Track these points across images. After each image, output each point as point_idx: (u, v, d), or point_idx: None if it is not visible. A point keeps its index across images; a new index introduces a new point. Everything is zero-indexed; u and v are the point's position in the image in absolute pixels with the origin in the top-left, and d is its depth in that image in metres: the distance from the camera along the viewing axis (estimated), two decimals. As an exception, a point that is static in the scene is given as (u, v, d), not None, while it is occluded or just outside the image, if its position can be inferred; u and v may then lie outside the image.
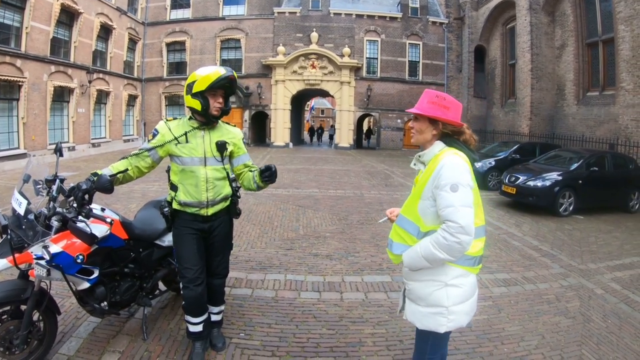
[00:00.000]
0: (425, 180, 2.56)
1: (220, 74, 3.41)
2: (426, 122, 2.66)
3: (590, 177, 11.45)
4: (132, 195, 11.64)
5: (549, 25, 21.96)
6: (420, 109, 2.63)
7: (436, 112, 2.59)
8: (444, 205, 2.40)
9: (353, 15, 31.21)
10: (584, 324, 4.76)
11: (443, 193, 2.41)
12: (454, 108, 2.61)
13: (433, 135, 2.66)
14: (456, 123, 2.62)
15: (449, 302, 2.55)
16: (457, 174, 2.43)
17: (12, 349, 3.44)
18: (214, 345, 4.03)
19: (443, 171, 2.45)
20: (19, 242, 3.31)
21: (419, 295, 2.65)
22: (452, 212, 2.36)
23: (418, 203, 2.60)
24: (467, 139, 2.67)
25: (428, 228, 2.55)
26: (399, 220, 2.75)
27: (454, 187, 2.39)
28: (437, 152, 2.62)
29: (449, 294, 2.55)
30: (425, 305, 2.62)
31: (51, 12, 20.39)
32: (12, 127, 18.87)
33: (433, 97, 2.62)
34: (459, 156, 2.52)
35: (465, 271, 2.59)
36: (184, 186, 3.61)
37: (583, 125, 19.57)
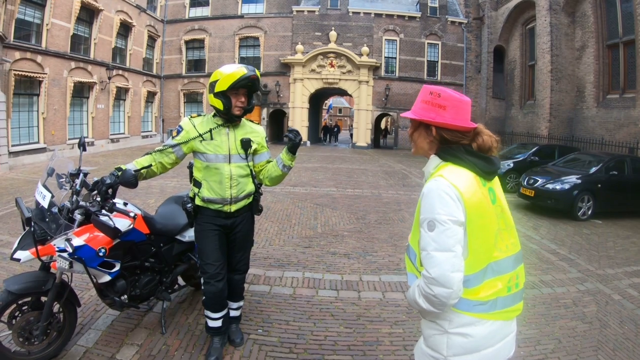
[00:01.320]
0: (418, 208, 2.06)
1: (243, 74, 3.42)
2: (419, 128, 2.17)
3: (610, 181, 11.35)
4: (150, 190, 11.76)
5: (569, 26, 21.71)
6: (413, 111, 2.13)
7: (428, 113, 2.06)
8: (420, 245, 1.96)
9: (372, 14, 31.12)
10: (601, 330, 4.74)
11: (422, 230, 1.95)
12: (454, 106, 2.04)
13: (429, 143, 2.15)
14: (456, 126, 2.04)
15: (449, 352, 2.02)
16: (435, 207, 1.91)
17: (32, 340, 3.51)
18: (232, 340, 4.08)
19: (423, 202, 1.98)
20: (42, 234, 3.39)
21: (422, 332, 2.19)
22: (425, 258, 1.91)
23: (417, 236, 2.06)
24: (484, 143, 2.08)
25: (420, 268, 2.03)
26: (408, 249, 2.25)
27: (431, 224, 1.90)
28: (432, 169, 2.12)
29: (450, 343, 2.02)
30: (425, 345, 2.15)
31: (71, 9, 20.72)
32: (33, 121, 19.17)
33: (427, 94, 2.09)
34: (443, 178, 1.96)
35: (476, 319, 1.99)
36: (208, 183, 3.64)
37: (602, 128, 19.35)
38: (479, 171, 2.03)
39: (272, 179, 3.77)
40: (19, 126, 18.24)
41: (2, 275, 5.49)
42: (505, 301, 2.04)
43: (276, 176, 3.74)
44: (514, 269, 2.09)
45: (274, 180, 3.77)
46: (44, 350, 3.62)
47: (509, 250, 2.08)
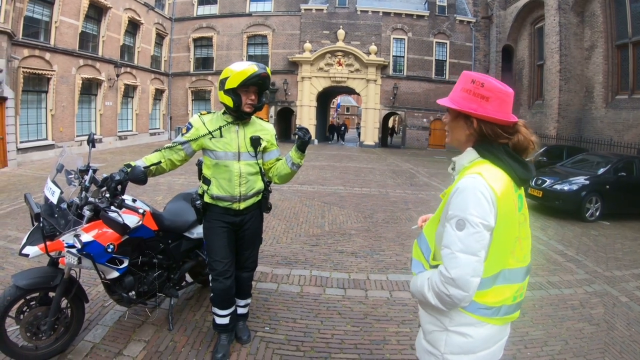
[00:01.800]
0: (444, 202, 1.98)
1: (253, 71, 3.40)
2: (458, 118, 2.01)
3: (618, 182, 11.28)
4: (158, 187, 11.80)
5: (578, 26, 21.61)
6: (452, 99, 1.98)
7: (470, 104, 1.91)
8: (444, 242, 1.87)
9: (380, 12, 31.07)
10: (608, 331, 4.72)
11: (448, 227, 1.86)
12: (498, 97, 1.89)
13: (467, 135, 2.00)
14: (498, 120, 1.90)
15: (446, 349, 2.00)
16: (469, 206, 1.80)
17: (39, 335, 3.54)
18: (239, 337, 4.09)
19: (454, 198, 1.86)
20: (51, 230, 3.40)
21: (422, 327, 2.17)
22: (447, 257, 1.83)
23: (437, 227, 2.03)
24: (519, 143, 1.95)
25: (437, 262, 2.00)
26: (420, 237, 2.19)
27: (460, 223, 1.80)
28: (466, 163, 1.99)
29: (449, 340, 1.99)
30: (424, 340, 2.13)
31: (80, 7, 20.85)
32: (41, 118, 19.32)
33: (468, 82, 1.94)
34: (482, 177, 1.84)
35: (478, 321, 1.95)
36: (217, 180, 3.64)
37: (611, 129, 19.26)
38: (515, 176, 1.92)
39: (281, 177, 3.77)
40: (27, 123, 18.36)
41: (10, 271, 5.53)
42: (509, 309, 2.00)
43: (285, 174, 3.74)
44: (523, 280, 2.05)
45: (283, 178, 3.77)
46: (51, 345, 3.64)
47: (524, 261, 2.03)
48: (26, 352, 3.56)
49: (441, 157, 25.84)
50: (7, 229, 7.70)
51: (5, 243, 6.86)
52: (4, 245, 6.73)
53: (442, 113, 30.28)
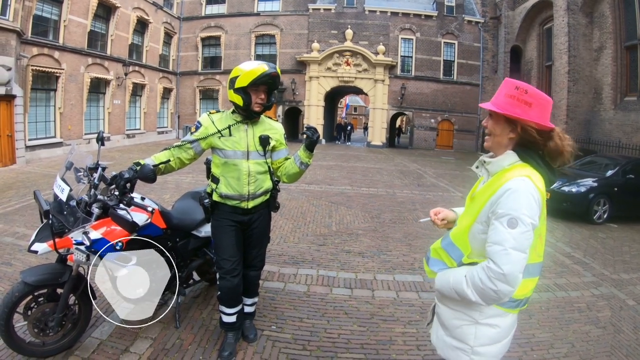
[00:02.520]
0: (484, 201, 2.05)
1: (263, 71, 3.41)
2: (502, 122, 2.09)
3: (626, 184, 11.21)
4: (166, 185, 11.84)
5: (587, 27, 21.45)
6: (496, 104, 2.07)
7: (514, 109, 2.01)
8: (493, 240, 1.93)
9: (388, 12, 31.02)
10: (615, 335, 4.70)
11: (497, 224, 1.92)
12: (540, 104, 2.01)
13: (510, 139, 2.10)
14: (541, 125, 2.02)
15: (476, 342, 2.12)
16: (521, 206, 1.90)
17: (47, 331, 3.56)
18: (246, 336, 4.10)
19: (504, 198, 1.94)
20: (60, 227, 3.43)
21: (444, 323, 2.26)
22: (498, 253, 1.89)
23: (472, 225, 2.11)
24: (553, 150, 2.06)
25: (471, 260, 2.11)
26: (446, 244, 2.28)
27: (512, 222, 1.89)
28: (507, 165, 2.08)
29: (478, 333, 2.12)
30: (449, 336, 2.23)
31: (88, 6, 20.99)
32: (49, 116, 19.47)
33: (512, 89, 2.04)
34: (531, 180, 1.96)
35: (504, 312, 2.12)
36: (226, 179, 3.65)
37: (620, 131, 19.13)
38: (547, 180, 2.07)
39: (289, 176, 3.77)
40: (36, 121, 18.50)
41: (18, 267, 5.59)
42: (527, 301, 2.18)
43: (293, 173, 3.74)
44: (540, 274, 2.21)
45: (292, 177, 3.77)
46: (59, 341, 3.67)
47: (542, 256, 2.17)
48: (33, 348, 3.59)
49: (448, 158, 25.82)
50: (15, 225, 7.75)
51: (13, 240, 6.91)
52: (12, 242, 6.78)
53: (450, 114, 30.67)
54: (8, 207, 9.18)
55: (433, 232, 8.65)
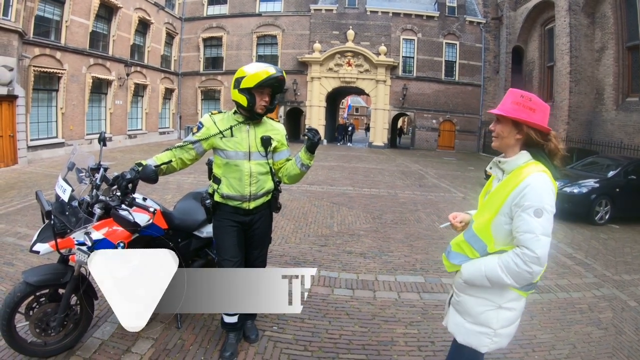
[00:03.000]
0: (505, 195, 2.33)
1: (270, 74, 3.42)
2: (509, 125, 2.41)
3: (628, 185, 11.18)
4: (167, 186, 11.85)
5: (588, 27, 21.44)
6: (503, 110, 2.39)
7: (520, 114, 2.34)
8: (523, 229, 2.22)
9: (390, 13, 31.01)
10: (616, 336, 4.69)
11: (525, 215, 2.22)
12: (541, 110, 2.36)
13: (516, 140, 2.41)
14: (543, 128, 2.36)
15: (498, 324, 2.43)
16: (544, 197, 2.22)
17: (48, 331, 3.56)
18: (247, 337, 4.10)
19: (528, 190, 2.23)
20: (62, 227, 3.43)
21: (467, 311, 2.51)
22: (530, 240, 2.19)
23: (494, 218, 2.38)
24: (552, 149, 2.39)
25: (497, 249, 2.39)
26: (469, 236, 2.52)
27: (538, 212, 2.19)
28: (522, 163, 2.38)
29: (500, 316, 2.42)
30: (472, 323, 2.50)
31: (90, 7, 20.97)
32: (51, 117, 19.49)
33: (517, 97, 2.38)
34: (548, 175, 2.29)
35: (520, 295, 2.43)
36: (228, 179, 3.65)
37: (621, 131, 19.11)
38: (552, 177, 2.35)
39: (290, 177, 3.78)
40: (37, 121, 18.52)
41: (20, 267, 5.59)
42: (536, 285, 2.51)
43: (295, 174, 3.75)
44: None
45: (293, 178, 3.78)
46: (60, 341, 3.67)
47: None
48: (35, 348, 3.59)
49: (450, 159, 25.81)
50: (17, 225, 7.76)
51: (15, 240, 6.91)
52: (14, 242, 6.78)
53: (452, 114, 30.67)
54: (10, 207, 9.19)
55: (434, 233, 8.67)
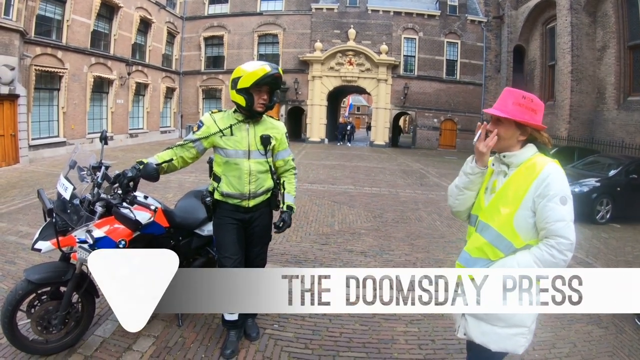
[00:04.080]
0: (526, 188, 2.28)
1: (266, 72, 3.41)
2: (512, 127, 2.35)
3: (629, 184, 11.17)
4: (169, 185, 11.86)
5: (590, 26, 21.39)
6: (506, 112, 2.32)
7: (524, 116, 2.31)
8: (553, 218, 2.18)
9: (391, 12, 31.01)
10: (617, 335, 4.70)
11: (552, 205, 2.19)
12: (540, 111, 2.36)
13: (519, 141, 2.38)
14: (542, 127, 2.38)
15: (530, 321, 2.34)
16: (565, 185, 2.23)
17: (50, 328, 3.57)
18: (248, 334, 4.12)
19: (551, 180, 2.21)
20: (64, 225, 3.45)
21: (497, 316, 2.33)
22: (563, 227, 2.17)
23: (515, 213, 2.30)
24: (545, 142, 2.40)
25: (523, 244, 2.31)
26: (493, 237, 2.38)
27: (564, 199, 2.19)
28: (531, 155, 2.37)
29: None
30: (506, 326, 2.33)
31: (92, 6, 21.03)
32: (53, 116, 19.53)
33: (519, 98, 2.33)
34: (558, 164, 2.29)
35: None
36: (227, 178, 3.66)
37: (623, 130, 19.08)
38: None
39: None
40: (39, 120, 18.55)
41: (21, 265, 5.60)
42: None
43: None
44: None
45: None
46: (62, 339, 3.68)
47: None
48: (36, 346, 3.61)
49: (451, 158, 25.79)
50: (18, 224, 7.78)
51: (16, 238, 6.93)
52: (16, 241, 6.80)
53: (453, 113, 30.66)
54: (12, 206, 9.22)
55: (435, 231, 8.68)
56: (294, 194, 3.97)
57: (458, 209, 2.65)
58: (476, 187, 2.54)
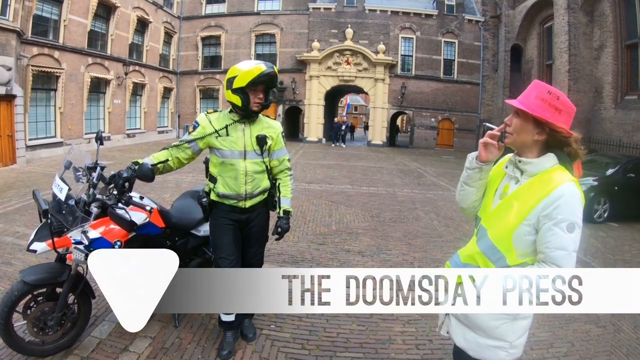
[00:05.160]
0: (533, 204, 2.09)
1: (261, 70, 3.41)
2: (530, 123, 2.13)
3: (627, 183, 11.21)
4: (166, 185, 11.86)
5: (587, 26, 21.42)
6: (526, 105, 2.10)
7: (545, 112, 2.07)
8: (555, 245, 2.02)
9: (388, 11, 31.05)
10: (615, 334, 4.71)
11: (557, 230, 2.02)
12: (567, 112, 2.11)
13: (535, 140, 2.16)
14: (566, 131, 2.10)
15: (514, 336, 2.24)
16: (577, 211, 2.03)
17: (46, 330, 3.57)
18: (245, 335, 4.12)
19: (562, 202, 2.02)
20: (59, 226, 3.46)
21: (479, 325, 2.28)
22: (563, 257, 2.02)
23: (516, 227, 2.14)
24: (572, 152, 2.16)
25: (517, 262, 2.17)
26: (486, 247, 2.27)
27: (571, 226, 2.01)
28: (549, 167, 2.15)
29: (515, 327, 2.23)
30: (486, 337, 2.27)
31: (89, 6, 21.01)
32: (50, 116, 19.52)
33: (544, 92, 2.09)
34: (577, 185, 2.06)
35: None
36: (223, 178, 3.65)
37: (620, 129, 19.11)
38: None
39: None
40: (36, 120, 18.54)
41: (18, 266, 5.59)
42: None
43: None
44: None
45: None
46: (58, 340, 3.67)
47: None
48: (33, 347, 3.60)
49: (449, 157, 25.85)
50: (15, 225, 7.77)
51: (13, 239, 6.94)
52: (12, 242, 6.80)
53: (451, 113, 30.66)
54: (8, 206, 9.21)
55: (432, 231, 8.70)
56: (289, 196, 3.94)
57: (462, 205, 2.53)
58: (475, 183, 2.40)
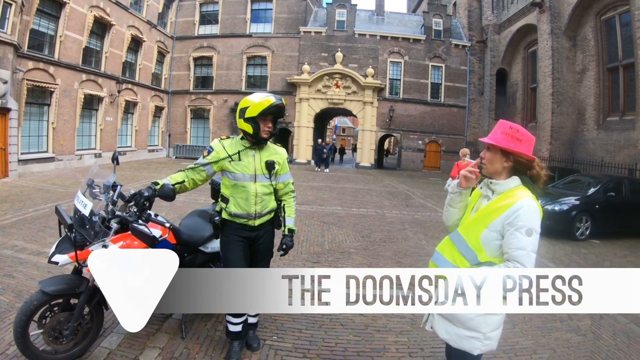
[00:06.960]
0: (497, 213, 2.59)
1: (271, 102, 3.74)
2: (498, 154, 2.66)
3: (607, 202, 11.52)
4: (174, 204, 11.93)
5: (570, 50, 22.07)
6: (494, 139, 2.64)
7: (509, 143, 2.60)
8: (515, 246, 2.48)
9: (377, 36, 31.57)
10: (594, 341, 4.95)
11: (517, 234, 2.48)
12: (527, 141, 2.62)
13: (504, 167, 2.67)
14: (528, 156, 2.62)
15: (487, 328, 2.63)
16: (534, 220, 2.50)
17: (61, 339, 3.70)
18: (250, 345, 4.34)
19: (521, 212, 2.50)
20: (81, 240, 3.66)
21: (457, 318, 2.69)
22: (523, 256, 2.46)
23: (483, 231, 2.63)
24: (535, 175, 2.65)
25: (487, 259, 2.62)
26: (457, 239, 2.78)
27: (530, 231, 2.46)
28: (513, 187, 2.65)
29: (488, 321, 2.62)
30: (463, 328, 2.68)
31: (84, 23, 21.32)
32: (42, 131, 19.68)
33: (507, 128, 2.63)
34: (535, 201, 2.56)
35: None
36: (235, 199, 3.93)
37: (603, 150, 19.56)
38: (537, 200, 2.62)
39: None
40: (29, 134, 18.70)
41: (20, 279, 5.79)
42: None
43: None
44: None
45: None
46: (70, 350, 3.81)
47: None
48: (46, 356, 3.73)
49: (436, 179, 26.10)
50: (13, 238, 7.88)
51: (12, 252, 7.03)
52: (12, 255, 6.91)
53: (438, 135, 31.18)
54: (4, 220, 9.28)
55: (421, 250, 8.92)
56: (293, 216, 4.25)
57: (447, 224, 3.02)
58: (457, 205, 2.91)
